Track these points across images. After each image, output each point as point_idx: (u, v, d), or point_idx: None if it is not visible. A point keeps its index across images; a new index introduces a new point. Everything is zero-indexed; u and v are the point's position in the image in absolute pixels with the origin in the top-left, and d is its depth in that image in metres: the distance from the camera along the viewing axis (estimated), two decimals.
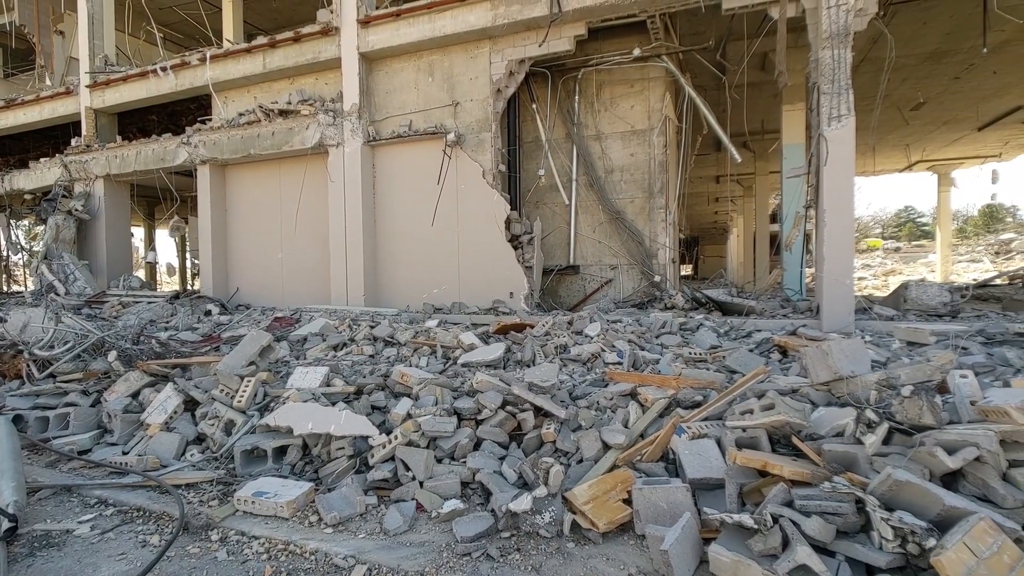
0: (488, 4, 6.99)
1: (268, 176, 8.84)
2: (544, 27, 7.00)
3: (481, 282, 7.48)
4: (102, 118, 10.29)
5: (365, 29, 7.68)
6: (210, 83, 8.63)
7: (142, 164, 9.35)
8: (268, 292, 8.92)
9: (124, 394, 3.23)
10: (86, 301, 7.86)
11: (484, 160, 7.42)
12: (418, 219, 7.82)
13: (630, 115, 7.90)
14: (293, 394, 2.93)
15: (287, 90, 8.64)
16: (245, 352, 3.29)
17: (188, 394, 3.12)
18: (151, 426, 2.91)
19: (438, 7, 7.19)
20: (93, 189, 10.00)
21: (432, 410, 2.66)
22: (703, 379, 2.80)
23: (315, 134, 7.93)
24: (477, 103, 7.45)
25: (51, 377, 3.81)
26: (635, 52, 7.25)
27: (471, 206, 7.50)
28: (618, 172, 8.01)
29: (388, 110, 7.97)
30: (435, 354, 4.10)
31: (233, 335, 4.81)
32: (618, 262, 8.07)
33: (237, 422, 2.80)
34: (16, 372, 3.83)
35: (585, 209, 8.15)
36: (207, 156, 8.78)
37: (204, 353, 4.13)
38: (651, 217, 7.87)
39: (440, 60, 7.66)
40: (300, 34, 8.06)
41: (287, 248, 8.79)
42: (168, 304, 7.61)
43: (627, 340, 3.95)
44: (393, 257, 8.00)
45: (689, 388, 2.61)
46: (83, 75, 10.11)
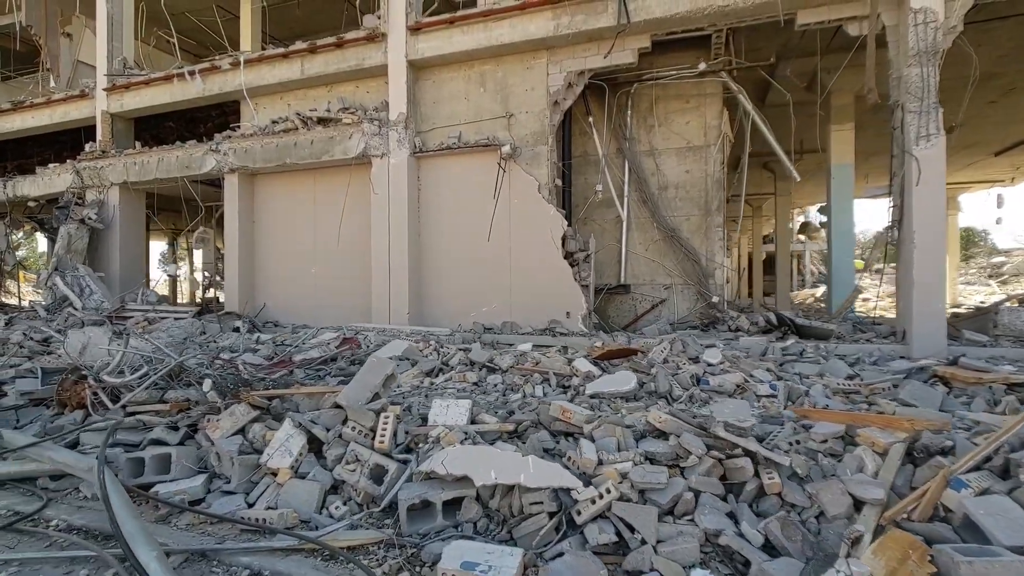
0: (550, 13, 6.76)
1: (302, 187, 8.42)
2: (607, 38, 6.79)
3: (534, 301, 7.12)
4: (118, 123, 9.78)
5: (415, 36, 7.39)
6: (244, 88, 8.22)
7: (164, 171, 8.85)
8: (298, 309, 8.43)
9: (230, 431, 2.78)
10: (106, 316, 7.29)
11: (540, 174, 7.13)
12: (466, 234, 7.46)
13: (685, 131, 7.71)
14: (446, 434, 2.53)
15: (324, 98, 8.27)
16: (368, 382, 2.88)
17: (311, 432, 2.70)
18: (280, 471, 2.47)
19: (495, 15, 6.94)
20: (107, 197, 9.44)
21: (628, 456, 2.30)
22: (934, 419, 2.49)
23: (359, 144, 7.56)
24: (533, 115, 7.18)
25: (121, 407, 3.34)
26: (700, 67, 7.07)
27: (524, 221, 7.18)
28: (672, 189, 7.78)
29: (435, 121, 7.65)
30: (548, 382, 3.73)
31: (305, 358, 4.37)
32: (672, 281, 7.80)
33: (389, 468, 2.39)
34: (80, 401, 3.35)
35: (637, 226, 7.89)
36: (237, 164, 8.33)
37: (280, 379, 3.69)
38: (708, 236, 7.63)
39: (492, 70, 7.39)
40: (343, 40, 7.73)
41: (321, 263, 8.33)
42: (197, 321, 7.09)
43: (765, 369, 3.63)
44: (438, 274, 7.61)
45: (926, 430, 2.29)
46: (100, 77, 9.62)
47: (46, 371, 3.56)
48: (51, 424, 3.30)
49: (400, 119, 7.47)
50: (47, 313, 7.69)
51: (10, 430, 2.91)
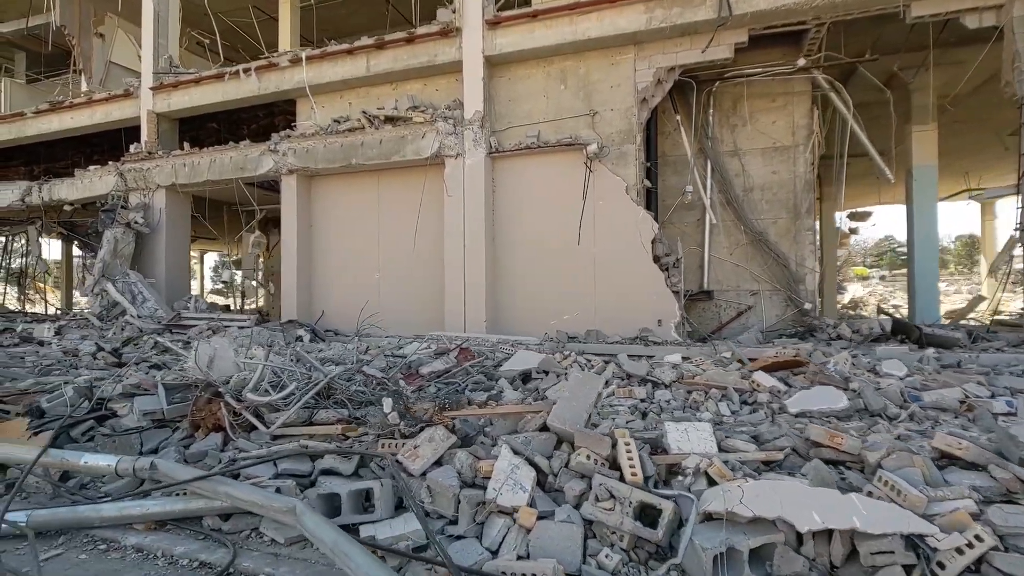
0: (642, 7, 6.44)
1: (364, 188, 8.05)
2: (701, 32, 6.47)
3: (621, 308, 6.74)
4: (164, 123, 9.41)
5: (492, 31, 7.06)
6: (307, 85, 7.86)
7: (217, 173, 8.47)
8: (358, 316, 8.01)
9: (431, 459, 2.38)
10: (165, 325, 6.87)
11: (627, 174, 6.77)
12: (544, 238, 7.09)
13: (772, 130, 7.37)
14: (712, 465, 2.14)
15: (389, 96, 7.92)
16: (581, 401, 2.49)
17: (532, 461, 2.30)
18: (521, 511, 2.07)
19: (582, 8, 6.61)
20: (153, 200, 9.04)
21: (959, 492, 1.91)
22: None
23: (433, 144, 7.20)
24: (619, 113, 6.83)
25: (256, 426, 2.93)
26: (799, 62, 6.75)
27: (610, 224, 6.81)
28: (758, 191, 7.44)
29: (510, 119, 7.30)
30: (727, 398, 3.34)
31: (432, 370, 3.97)
32: (759, 287, 7.43)
33: (662, 507, 1.99)
34: (216, 423, 2.94)
35: (720, 230, 7.53)
36: (297, 165, 7.96)
37: (447, 396, 3.29)
38: (797, 240, 7.28)
39: (574, 66, 7.05)
40: (414, 35, 7.39)
41: (385, 268, 7.94)
42: (263, 330, 6.68)
43: (976, 383, 3.25)
44: (514, 280, 7.23)
45: None
46: (145, 76, 9.26)
47: (169, 388, 3.15)
48: (186, 449, 2.89)
49: (476, 118, 7.12)
50: (100, 322, 7.26)
51: (168, 461, 2.50)
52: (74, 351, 5.31)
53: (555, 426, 2.47)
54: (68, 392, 3.45)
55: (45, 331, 7.08)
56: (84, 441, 3.18)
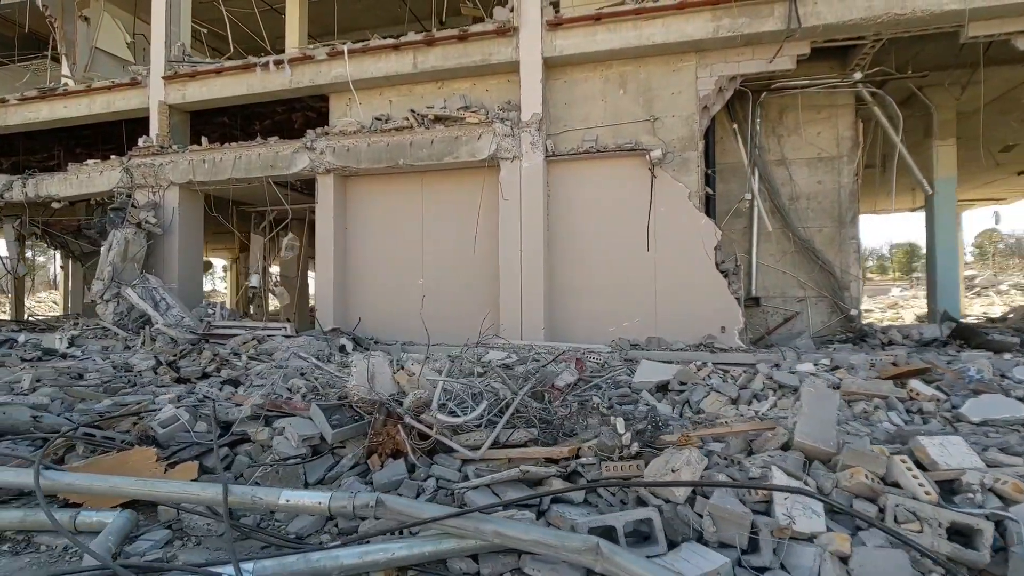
0: (709, 15, 6.46)
1: (407, 190, 7.72)
2: (764, 43, 6.56)
3: (682, 315, 6.72)
4: (175, 116, 8.76)
5: (553, 32, 6.92)
6: (349, 80, 7.48)
7: (243, 171, 7.94)
8: (401, 323, 7.67)
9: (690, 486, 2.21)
10: (201, 335, 6.34)
11: (689, 181, 6.77)
12: (602, 244, 7.00)
13: (817, 141, 7.56)
14: (997, 479, 2.08)
15: (433, 94, 7.65)
16: (825, 416, 2.38)
17: (806, 484, 2.17)
18: (836, 538, 1.93)
19: (648, 14, 6.58)
20: (164, 199, 8.39)
21: None
22: None
23: (489, 145, 6.98)
24: (680, 119, 6.83)
25: (454, 449, 2.68)
26: (856, 76, 6.93)
27: (672, 230, 6.79)
28: (804, 199, 7.61)
29: (566, 123, 7.18)
30: (892, 408, 3.32)
31: (566, 383, 3.77)
32: (805, 294, 7.59)
33: (983, 529, 1.91)
34: (396, 447, 2.67)
35: (767, 237, 7.65)
36: (335, 164, 7.55)
37: (570, 406, 3.12)
38: (842, 248, 7.48)
39: (634, 71, 7.01)
40: (467, 32, 7.16)
41: (430, 273, 7.64)
42: (314, 340, 6.28)
43: None
44: (572, 286, 7.09)
45: None
46: (156, 64, 8.60)
47: (326, 408, 2.84)
48: (362, 478, 2.61)
49: (534, 120, 6.96)
50: (123, 331, 6.62)
51: (395, 496, 2.22)
52: (125, 365, 4.79)
53: (805, 444, 2.35)
54: (183, 416, 3.08)
55: (56, 342, 6.42)
56: (223, 470, 2.84)
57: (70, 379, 4.24)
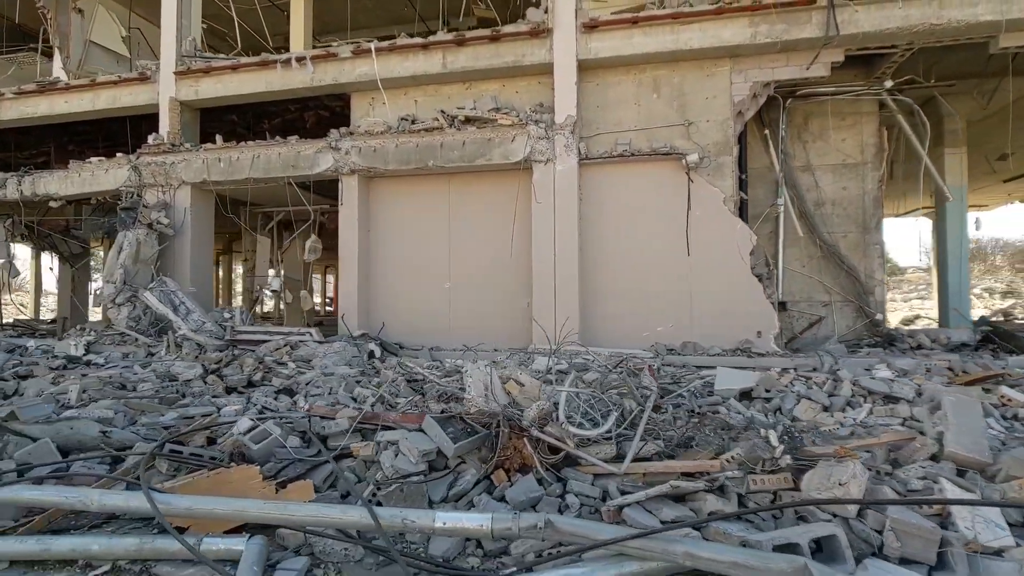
0: (747, 20, 6.49)
1: (434, 193, 7.56)
2: (799, 50, 6.62)
3: (717, 320, 6.71)
4: (186, 113, 8.43)
5: (587, 34, 6.87)
6: (377, 79, 7.29)
7: (262, 171, 7.67)
8: (426, 329, 7.50)
9: (858, 497, 2.14)
10: (228, 342, 6.07)
11: (724, 186, 6.78)
12: (635, 248, 6.96)
13: (842, 147, 7.67)
14: None
15: (461, 95, 7.52)
16: (974, 427, 2.35)
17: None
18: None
19: (685, 18, 6.58)
20: (175, 198, 8.04)
21: None
22: None
23: (523, 148, 6.88)
24: (715, 124, 6.84)
25: (595, 465, 2.56)
26: (887, 84, 7.05)
27: (707, 235, 6.79)
28: (829, 205, 7.70)
29: (598, 126, 7.13)
30: (990, 416, 3.32)
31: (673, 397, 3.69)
32: (830, 299, 7.67)
33: None
34: (524, 462, 2.54)
35: (792, 242, 7.72)
36: (361, 165, 7.35)
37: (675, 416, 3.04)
38: (866, 253, 7.60)
39: (668, 75, 7.00)
40: (499, 33, 7.06)
41: (457, 277, 7.48)
42: (348, 346, 6.07)
43: None
44: (605, 290, 7.03)
45: None
46: (167, 59, 8.26)
47: (440, 420, 2.68)
48: (489, 495, 2.47)
49: (568, 123, 6.89)
50: (144, 336, 6.28)
51: (564, 517, 2.08)
52: (167, 374, 4.51)
53: (958, 454, 2.31)
54: (274, 430, 2.90)
55: (72, 348, 6.06)
56: (326, 489, 2.67)
57: (116, 389, 3.97)
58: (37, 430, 2.88)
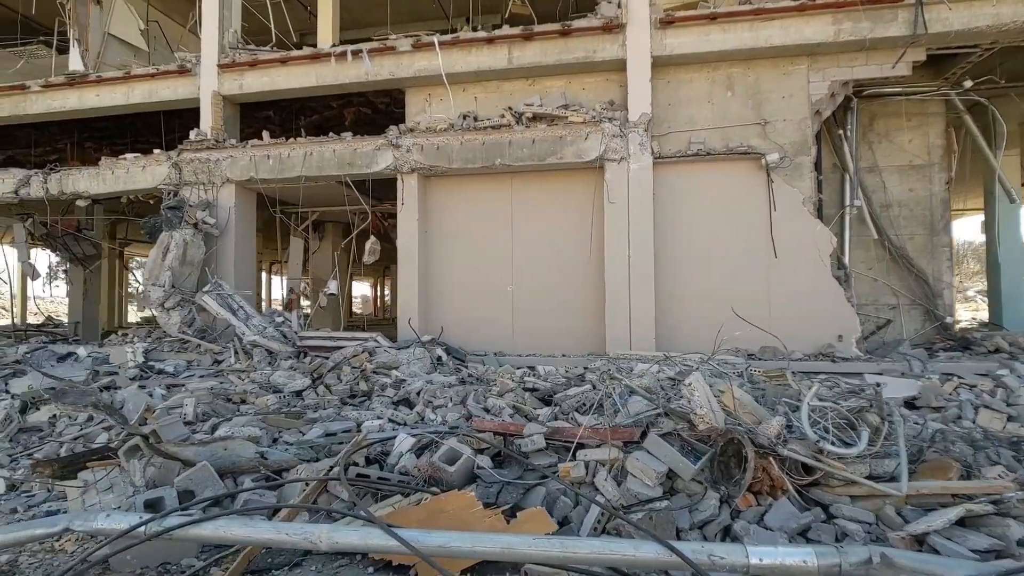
0: (830, 18, 6.35)
1: (495, 192, 7.29)
2: (880, 48, 6.50)
3: (798, 324, 6.54)
4: (228, 108, 8.04)
5: (663, 30, 6.67)
6: (443, 74, 7.00)
7: (315, 169, 7.32)
8: (488, 333, 7.22)
9: None
10: (300, 348, 5.72)
11: (803, 186, 6.63)
12: (710, 250, 6.78)
13: (908, 148, 7.58)
14: None
15: (523, 92, 7.27)
16: None
17: None
18: None
19: (766, 14, 6.42)
20: (219, 197, 7.65)
21: None
22: None
23: (597, 146, 6.66)
24: (792, 124, 6.69)
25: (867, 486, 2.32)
26: (966, 84, 6.97)
27: (785, 236, 6.63)
28: (896, 207, 7.60)
29: (669, 124, 6.93)
30: None
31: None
32: (898, 302, 7.57)
33: None
34: (773, 484, 2.29)
35: (858, 245, 7.60)
36: (423, 163, 7.05)
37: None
38: (934, 255, 7.51)
39: (742, 73, 6.83)
40: (570, 28, 6.83)
41: (521, 280, 7.21)
42: (424, 352, 5.77)
43: None
44: (678, 293, 6.82)
45: None
46: (208, 51, 7.86)
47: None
48: (757, 523, 2.21)
49: (642, 120, 6.68)
50: (207, 341, 5.89)
51: (918, 554, 1.82)
52: (268, 384, 4.17)
53: None
54: (465, 450, 2.62)
55: (128, 356, 5.66)
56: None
57: (227, 402, 3.63)
58: (192, 452, 2.55)
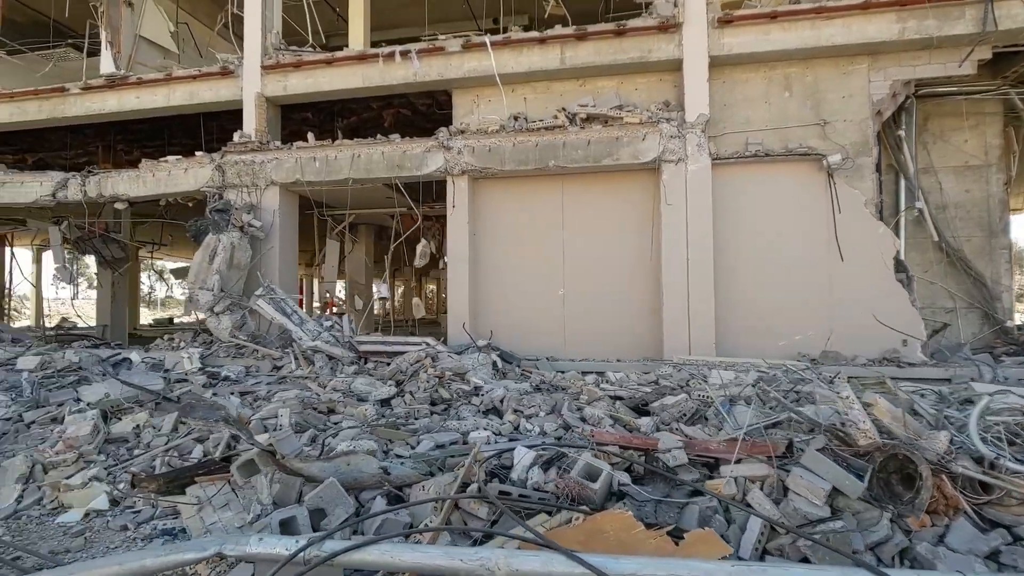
0: (894, 16, 6.23)
1: (546, 194, 7.18)
2: (944, 47, 6.37)
3: (861, 328, 6.41)
4: (270, 110, 7.95)
5: (721, 29, 6.56)
6: (496, 74, 6.89)
7: (363, 171, 7.22)
8: (538, 338, 7.11)
9: None
10: (361, 354, 5.61)
11: (864, 188, 6.51)
12: (771, 252, 6.65)
13: (964, 149, 7.43)
14: None
15: (574, 93, 7.16)
16: None
17: None
18: None
19: (828, 13, 6.29)
20: (263, 200, 7.56)
21: None
22: None
23: (655, 147, 6.54)
24: (852, 124, 6.56)
25: None
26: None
27: (847, 239, 6.50)
28: (952, 208, 7.45)
29: (725, 125, 6.81)
30: None
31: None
32: (955, 305, 7.42)
33: None
34: (948, 503, 2.17)
35: (912, 247, 7.45)
36: (474, 165, 6.95)
37: None
38: (992, 258, 7.35)
39: (800, 73, 6.71)
40: (625, 27, 6.72)
41: (572, 283, 7.10)
42: (484, 356, 5.66)
43: None
44: (737, 297, 6.69)
45: None
46: (251, 52, 7.78)
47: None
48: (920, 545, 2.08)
49: (700, 121, 6.56)
50: (266, 348, 5.79)
51: None
52: (350, 392, 4.06)
53: None
54: (603, 466, 2.50)
55: (185, 361, 5.57)
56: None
57: (316, 412, 3.52)
58: (317, 468, 2.45)
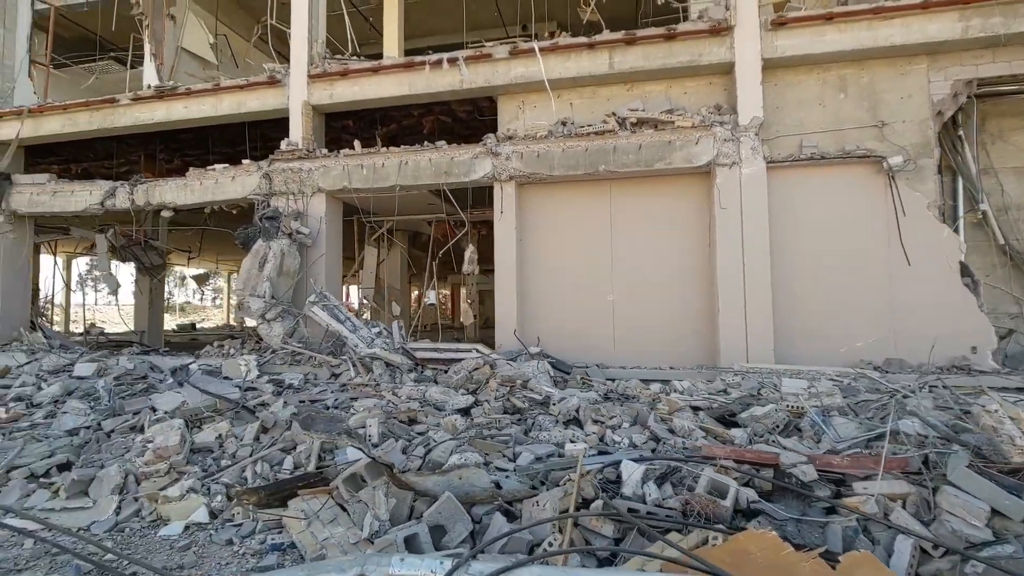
0: (956, 14, 6.08)
1: (593, 199, 7.11)
2: (1006, 45, 6.20)
3: (925, 334, 6.22)
4: (315, 118, 8.01)
5: (774, 31, 6.46)
6: (546, 80, 6.87)
7: (411, 178, 7.23)
8: (587, 344, 7.01)
9: None
10: (417, 361, 5.56)
11: (926, 190, 6.34)
12: (829, 256, 6.49)
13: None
14: None
15: (621, 97, 7.10)
16: None
17: None
18: None
19: (886, 12, 6.17)
20: (309, 207, 7.60)
21: None
22: None
23: (709, 150, 6.44)
24: (912, 125, 6.41)
25: None
26: None
27: (910, 243, 6.33)
28: (1014, 210, 7.21)
29: (778, 128, 6.69)
30: None
31: None
32: (1019, 310, 7.16)
33: None
34: None
35: (972, 250, 7.22)
36: (523, 170, 6.91)
37: None
38: None
39: (855, 74, 6.58)
40: (675, 31, 6.65)
41: (621, 290, 7.00)
42: (545, 364, 5.57)
43: None
44: (794, 303, 6.54)
45: None
46: (298, 61, 7.86)
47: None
48: None
49: (754, 124, 6.46)
50: (325, 356, 5.78)
51: None
52: (425, 401, 4.01)
53: None
54: (730, 483, 2.40)
55: (243, 369, 5.57)
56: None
57: (398, 422, 3.47)
58: (431, 483, 2.38)
